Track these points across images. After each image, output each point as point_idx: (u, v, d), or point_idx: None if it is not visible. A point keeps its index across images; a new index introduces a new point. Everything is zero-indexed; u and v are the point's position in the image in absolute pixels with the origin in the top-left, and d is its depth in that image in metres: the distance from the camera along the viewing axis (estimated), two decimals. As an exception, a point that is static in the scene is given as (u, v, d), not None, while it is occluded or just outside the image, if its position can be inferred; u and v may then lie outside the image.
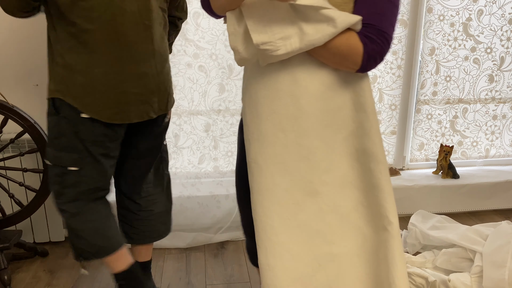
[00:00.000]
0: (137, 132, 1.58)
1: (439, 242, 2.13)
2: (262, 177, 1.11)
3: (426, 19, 2.53)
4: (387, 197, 1.09)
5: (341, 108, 1.09)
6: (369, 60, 1.03)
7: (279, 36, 1.00)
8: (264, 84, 1.09)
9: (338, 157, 1.10)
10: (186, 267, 2.12)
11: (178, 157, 2.49)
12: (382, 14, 1.03)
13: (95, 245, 1.53)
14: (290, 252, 1.10)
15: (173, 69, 2.35)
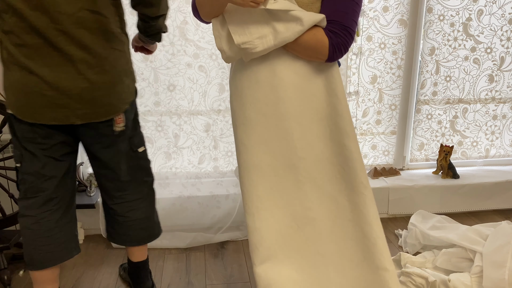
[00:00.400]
0: (85, 140, 1.57)
1: (439, 242, 2.13)
2: (249, 155, 1.30)
3: (426, 19, 2.53)
4: (360, 167, 1.27)
5: (315, 94, 1.27)
6: (335, 51, 1.22)
7: (256, 36, 1.19)
8: (247, 76, 1.28)
9: (314, 136, 1.28)
10: (186, 267, 2.13)
11: (178, 157, 2.49)
12: (344, 12, 1.21)
13: (29, 254, 1.57)
14: (273, 216, 1.30)
15: (173, 69, 2.35)
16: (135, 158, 1.68)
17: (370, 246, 1.26)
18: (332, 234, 1.29)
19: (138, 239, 1.76)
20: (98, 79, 1.45)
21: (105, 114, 1.51)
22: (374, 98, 2.63)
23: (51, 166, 1.54)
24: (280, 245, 1.30)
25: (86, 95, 1.44)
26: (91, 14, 1.39)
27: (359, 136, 2.69)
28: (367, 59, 2.54)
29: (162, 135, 2.45)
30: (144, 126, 2.42)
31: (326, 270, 1.30)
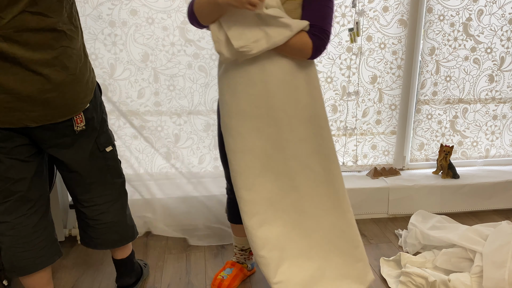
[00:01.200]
0: (44, 143, 1.50)
1: (439, 242, 2.13)
2: (244, 141, 1.56)
3: (426, 19, 2.53)
4: (331, 143, 1.61)
5: (298, 87, 1.53)
6: (316, 51, 1.48)
7: (252, 40, 1.41)
8: (240, 72, 1.50)
9: (298, 122, 1.55)
10: (186, 267, 2.13)
11: (178, 157, 2.49)
12: (322, 16, 1.47)
13: (9, 261, 1.53)
14: (265, 188, 1.62)
15: (173, 69, 2.35)
16: (103, 158, 1.62)
17: (339, 197, 1.65)
18: (310, 195, 1.65)
19: (110, 243, 1.73)
20: (50, 80, 1.38)
21: (61, 115, 1.44)
22: (374, 98, 2.63)
23: (17, 169, 1.47)
24: (272, 210, 1.64)
25: (38, 97, 1.37)
26: (33, 15, 1.31)
27: (359, 136, 2.69)
28: (367, 59, 2.54)
29: (162, 135, 2.45)
30: (144, 126, 2.42)
31: (307, 221, 1.67)
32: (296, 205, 1.66)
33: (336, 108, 2.61)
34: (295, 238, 1.68)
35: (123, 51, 2.28)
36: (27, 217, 1.53)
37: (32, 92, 1.36)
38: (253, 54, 1.43)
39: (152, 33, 2.28)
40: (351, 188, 2.53)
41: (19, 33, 1.30)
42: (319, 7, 1.47)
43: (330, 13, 1.48)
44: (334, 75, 2.54)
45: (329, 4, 1.49)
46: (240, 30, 1.41)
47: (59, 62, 1.39)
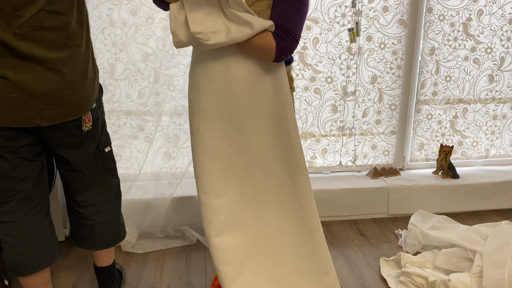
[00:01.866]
0: (52, 142, 1.52)
1: (439, 242, 2.13)
2: (204, 141, 1.47)
3: (426, 19, 2.53)
4: (300, 152, 1.49)
5: (264, 89, 1.44)
6: (281, 53, 1.38)
7: (210, 30, 1.33)
8: (203, 70, 1.43)
9: (262, 125, 1.47)
10: (186, 267, 2.13)
11: (178, 157, 2.49)
12: (289, 17, 1.37)
13: (13, 261, 1.53)
14: (226, 194, 1.50)
15: (173, 69, 2.35)
16: (101, 158, 1.65)
17: (307, 214, 1.52)
18: (274, 206, 1.53)
19: (104, 243, 1.74)
20: (64, 78, 1.40)
21: (72, 114, 1.47)
22: (374, 98, 2.63)
23: (22, 167, 1.49)
24: (231, 220, 1.51)
25: (52, 95, 1.40)
26: (50, 14, 1.34)
27: (359, 136, 2.69)
28: (367, 59, 2.54)
29: (162, 135, 2.45)
30: (144, 126, 2.42)
31: (269, 236, 1.54)
32: (259, 216, 1.53)
33: (336, 108, 2.61)
34: (256, 256, 1.54)
35: (123, 51, 2.29)
36: (31, 216, 1.54)
37: (47, 91, 1.39)
38: (210, 46, 1.34)
39: (152, 33, 2.28)
40: (351, 188, 2.53)
41: (36, 32, 1.33)
42: (287, 7, 1.38)
43: (298, 14, 1.38)
44: (334, 75, 2.54)
45: (298, 5, 1.39)
46: (201, 16, 1.33)
47: (73, 61, 1.42)
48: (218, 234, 1.49)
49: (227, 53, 1.41)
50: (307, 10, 1.44)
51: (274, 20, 1.38)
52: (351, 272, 2.07)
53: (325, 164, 2.71)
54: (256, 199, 1.52)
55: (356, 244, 2.32)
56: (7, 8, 1.28)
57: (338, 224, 2.53)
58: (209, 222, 1.49)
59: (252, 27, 1.33)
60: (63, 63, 1.40)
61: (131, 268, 2.10)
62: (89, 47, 1.50)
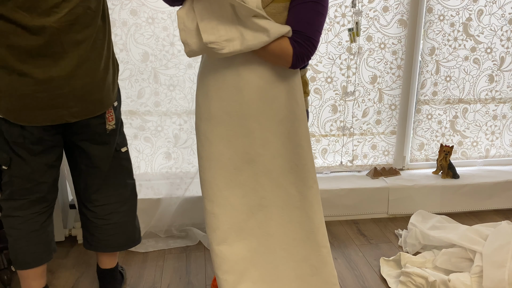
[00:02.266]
0: (77, 136, 1.56)
1: (439, 242, 2.13)
2: (212, 148, 1.42)
3: (426, 19, 2.53)
4: (311, 165, 1.42)
5: (277, 98, 1.37)
6: (297, 60, 1.31)
7: (224, 38, 1.26)
8: (213, 75, 1.37)
9: (272, 135, 1.40)
10: (186, 267, 2.13)
11: (178, 157, 2.49)
12: (308, 22, 1.29)
13: (14, 254, 1.59)
14: (231, 204, 1.45)
15: (173, 69, 2.35)
16: (118, 158, 1.67)
17: (314, 229, 1.46)
18: (280, 218, 1.47)
19: (117, 245, 1.74)
20: (90, 74, 1.44)
21: (98, 109, 1.51)
22: (374, 98, 2.63)
23: (41, 172, 1.54)
24: (235, 229, 1.47)
25: (78, 92, 1.44)
26: (84, 9, 1.38)
27: (359, 136, 2.69)
28: (367, 59, 2.54)
29: (162, 135, 2.45)
30: (144, 126, 2.42)
31: (274, 248, 1.49)
32: (264, 228, 1.48)
33: (336, 108, 2.61)
34: (259, 265, 1.50)
35: (123, 51, 2.29)
36: (39, 214, 1.59)
37: (74, 89, 1.42)
38: (225, 54, 1.28)
39: (152, 33, 2.28)
40: (351, 188, 2.53)
41: (72, 27, 1.37)
42: (306, 11, 1.29)
43: (318, 19, 1.30)
44: (334, 75, 2.54)
45: (318, 8, 1.29)
46: (213, 24, 1.26)
47: (98, 56, 1.46)
48: (220, 242, 1.46)
49: (238, 59, 1.35)
50: (327, 14, 1.35)
51: (292, 25, 1.29)
52: (351, 272, 2.07)
53: (325, 164, 2.71)
54: (262, 210, 1.47)
55: (356, 244, 2.32)
56: (45, 5, 1.32)
57: (338, 224, 2.53)
58: (212, 229, 1.46)
59: (268, 34, 1.26)
60: (89, 58, 1.43)
61: (131, 268, 2.10)
62: (110, 42, 1.54)
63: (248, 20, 1.25)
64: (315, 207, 1.45)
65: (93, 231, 1.72)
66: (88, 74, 1.44)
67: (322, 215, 1.47)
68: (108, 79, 1.51)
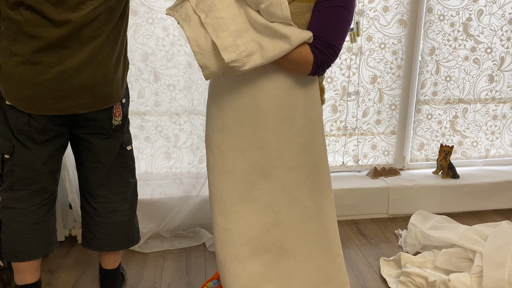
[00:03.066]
0: (84, 130, 1.58)
1: (439, 242, 2.13)
2: (224, 160, 1.34)
3: (426, 19, 2.53)
4: (328, 174, 1.37)
5: (294, 106, 1.28)
6: (318, 67, 1.23)
7: (245, 54, 1.16)
8: (227, 85, 1.29)
9: (289, 146, 1.32)
10: (186, 267, 2.13)
11: (178, 157, 2.49)
12: (332, 28, 1.19)
13: (11, 246, 1.59)
14: (245, 220, 1.37)
15: (173, 69, 2.35)
16: (123, 155, 1.70)
17: (330, 239, 1.41)
18: (295, 232, 1.40)
19: (117, 244, 1.74)
20: (101, 68, 1.47)
21: (106, 102, 1.53)
22: (374, 98, 2.63)
23: (42, 162, 1.55)
24: (249, 246, 1.39)
25: (88, 84, 1.46)
26: (106, 8, 1.43)
27: (359, 136, 2.69)
28: (367, 59, 2.54)
29: (162, 135, 2.45)
30: (144, 126, 2.42)
31: (288, 261, 1.42)
32: (279, 243, 1.41)
33: (336, 108, 2.61)
34: (273, 279, 1.44)
35: (123, 51, 2.29)
36: (40, 206, 1.60)
37: (85, 80, 1.45)
38: (244, 71, 1.18)
39: (152, 33, 2.28)
40: (351, 188, 2.53)
41: (94, 23, 1.41)
42: (330, 16, 1.18)
43: (343, 26, 1.20)
44: (334, 75, 2.54)
45: (345, 14, 1.19)
46: (231, 40, 1.14)
47: (113, 52, 1.49)
48: (233, 259, 1.39)
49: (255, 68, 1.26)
50: (352, 19, 1.25)
51: (314, 30, 1.20)
52: (351, 272, 2.07)
53: (325, 164, 2.71)
54: (278, 226, 1.39)
55: (356, 244, 2.32)
56: (73, 1, 1.36)
57: (338, 224, 2.53)
58: (224, 245, 1.39)
59: (290, 41, 1.16)
60: (102, 52, 1.46)
61: (131, 268, 2.10)
62: (125, 39, 1.56)
63: (264, 27, 1.15)
64: (331, 217, 1.40)
65: (93, 229, 1.72)
66: (99, 68, 1.46)
67: (337, 225, 1.43)
68: (118, 74, 1.54)
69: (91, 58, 1.44)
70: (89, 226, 1.73)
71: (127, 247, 1.78)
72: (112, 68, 1.50)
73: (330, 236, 1.41)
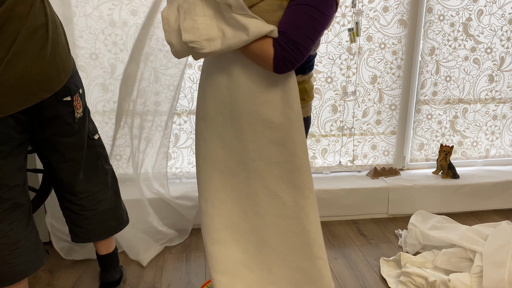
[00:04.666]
0: (47, 131, 1.52)
1: (439, 242, 2.13)
2: (207, 147, 1.39)
3: (426, 19, 2.53)
4: (308, 174, 1.35)
5: (270, 103, 1.28)
6: (279, 64, 1.19)
7: (204, 38, 1.20)
8: (208, 74, 1.34)
9: (267, 141, 1.32)
10: (186, 267, 2.13)
11: (178, 157, 2.49)
12: (296, 25, 1.17)
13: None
14: (225, 205, 1.41)
15: (173, 69, 2.35)
16: (92, 146, 1.68)
17: (311, 241, 1.39)
18: (275, 227, 1.40)
19: (109, 230, 1.76)
20: (36, 46, 1.39)
21: (64, 77, 1.46)
22: (374, 98, 2.63)
23: (11, 176, 1.46)
24: (229, 231, 1.43)
25: (40, 60, 1.39)
26: None
27: (359, 136, 2.69)
28: (367, 59, 2.55)
29: (162, 135, 2.45)
30: (144, 126, 2.42)
31: (268, 254, 1.43)
32: (259, 235, 1.42)
33: (336, 108, 2.61)
34: (253, 268, 1.46)
35: (124, 51, 2.29)
36: (18, 223, 1.51)
37: (34, 55, 1.37)
38: (206, 54, 1.23)
39: (152, 33, 2.28)
40: (351, 188, 2.53)
41: None
42: (297, 13, 1.17)
43: (309, 24, 1.17)
44: (334, 75, 2.54)
45: (312, 12, 1.17)
46: (194, 23, 1.20)
47: (59, 39, 1.43)
48: (214, 242, 1.43)
49: (230, 59, 1.28)
50: (328, 22, 1.21)
51: (280, 26, 1.19)
52: (351, 272, 2.07)
53: (325, 164, 2.71)
54: (257, 216, 1.40)
55: (356, 244, 2.32)
56: None
57: (338, 224, 2.53)
58: (206, 229, 1.44)
59: (248, 32, 1.17)
60: (32, 40, 1.37)
61: (131, 268, 2.10)
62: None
63: (232, 18, 1.19)
64: (311, 217, 1.38)
65: (82, 223, 1.71)
66: (41, 41, 1.38)
67: (319, 226, 1.40)
68: (60, 42, 1.46)
69: (21, 40, 1.34)
70: (77, 222, 1.71)
71: (119, 230, 1.80)
72: (52, 41, 1.42)
73: (310, 237, 1.39)
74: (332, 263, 2.14)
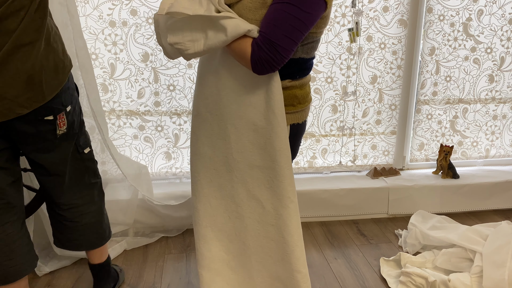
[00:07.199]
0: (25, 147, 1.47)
1: (439, 242, 2.13)
2: (197, 144, 1.40)
3: (426, 19, 2.53)
4: (289, 183, 1.31)
5: (254, 105, 1.27)
6: (256, 64, 1.16)
7: (188, 39, 1.20)
8: (202, 73, 1.35)
9: (250, 144, 1.31)
10: (186, 267, 2.13)
11: (178, 157, 2.49)
12: (274, 25, 1.13)
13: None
14: (210, 203, 1.43)
15: (173, 69, 2.35)
16: (81, 160, 1.63)
17: (289, 252, 1.36)
18: (256, 232, 1.40)
19: (89, 244, 1.73)
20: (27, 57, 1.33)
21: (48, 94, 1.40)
22: (374, 98, 2.63)
23: (2, 176, 1.45)
24: (213, 229, 1.45)
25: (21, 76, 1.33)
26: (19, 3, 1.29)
27: (359, 136, 2.69)
28: (367, 59, 2.54)
29: (162, 135, 2.45)
30: (144, 126, 2.42)
31: (249, 258, 1.43)
32: (242, 237, 1.42)
33: (336, 108, 2.61)
34: (237, 270, 1.47)
35: (123, 51, 2.29)
36: (11, 224, 1.50)
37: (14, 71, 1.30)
38: (191, 55, 1.23)
39: (152, 33, 2.28)
40: (351, 188, 2.53)
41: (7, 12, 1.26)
42: (276, 12, 1.13)
43: (288, 23, 1.12)
44: (334, 75, 2.54)
45: (292, 11, 1.12)
46: (179, 26, 1.21)
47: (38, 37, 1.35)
48: (200, 238, 1.46)
49: (218, 59, 1.29)
50: (312, 20, 1.15)
51: (261, 25, 1.16)
52: (351, 272, 2.07)
53: (325, 164, 2.71)
54: (239, 219, 1.40)
55: (356, 244, 2.32)
56: None
57: (338, 224, 2.53)
58: (194, 224, 1.47)
59: (226, 33, 1.16)
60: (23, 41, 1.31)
61: (131, 268, 2.10)
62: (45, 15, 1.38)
63: (216, 18, 1.18)
64: (290, 228, 1.34)
65: (64, 232, 1.70)
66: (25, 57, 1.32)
67: (300, 237, 1.36)
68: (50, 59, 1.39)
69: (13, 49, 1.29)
70: (59, 229, 1.70)
71: (100, 245, 1.77)
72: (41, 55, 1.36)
73: (289, 248, 1.35)
74: (332, 263, 2.14)
